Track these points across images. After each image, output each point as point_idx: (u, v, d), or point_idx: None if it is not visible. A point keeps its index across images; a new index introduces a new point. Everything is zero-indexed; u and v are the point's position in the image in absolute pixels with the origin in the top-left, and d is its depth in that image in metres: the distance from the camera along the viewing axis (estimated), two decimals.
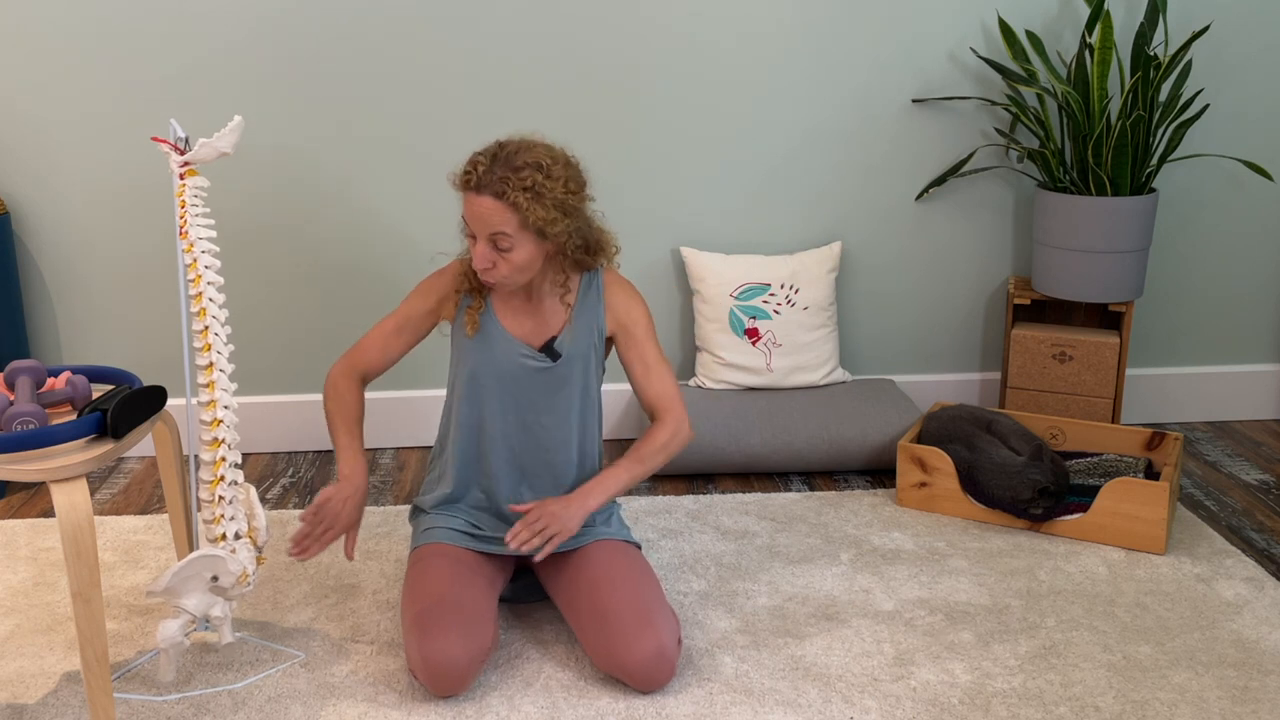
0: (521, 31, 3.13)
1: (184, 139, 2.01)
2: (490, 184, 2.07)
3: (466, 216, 2.12)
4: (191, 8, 3.03)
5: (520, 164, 2.08)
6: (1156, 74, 3.02)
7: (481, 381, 2.27)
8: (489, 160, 2.09)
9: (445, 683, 2.06)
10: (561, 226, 2.12)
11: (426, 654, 2.04)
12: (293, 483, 3.13)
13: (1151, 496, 2.63)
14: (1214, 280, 3.50)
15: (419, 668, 2.06)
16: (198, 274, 2.00)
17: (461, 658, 2.05)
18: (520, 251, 2.11)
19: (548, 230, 2.10)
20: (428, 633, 2.06)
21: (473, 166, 2.10)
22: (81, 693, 2.14)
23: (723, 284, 3.25)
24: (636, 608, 2.12)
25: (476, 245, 2.12)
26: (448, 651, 2.04)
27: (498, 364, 2.26)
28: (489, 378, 2.27)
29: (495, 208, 2.07)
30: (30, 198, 3.14)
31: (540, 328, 2.27)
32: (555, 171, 2.10)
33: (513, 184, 2.06)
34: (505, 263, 2.12)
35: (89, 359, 3.26)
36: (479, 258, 2.12)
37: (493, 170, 2.07)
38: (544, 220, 2.08)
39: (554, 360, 2.26)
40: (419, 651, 2.05)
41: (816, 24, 3.21)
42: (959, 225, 3.40)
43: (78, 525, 1.84)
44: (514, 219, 2.07)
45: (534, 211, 2.06)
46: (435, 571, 2.19)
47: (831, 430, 3.09)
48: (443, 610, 2.09)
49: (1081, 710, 2.08)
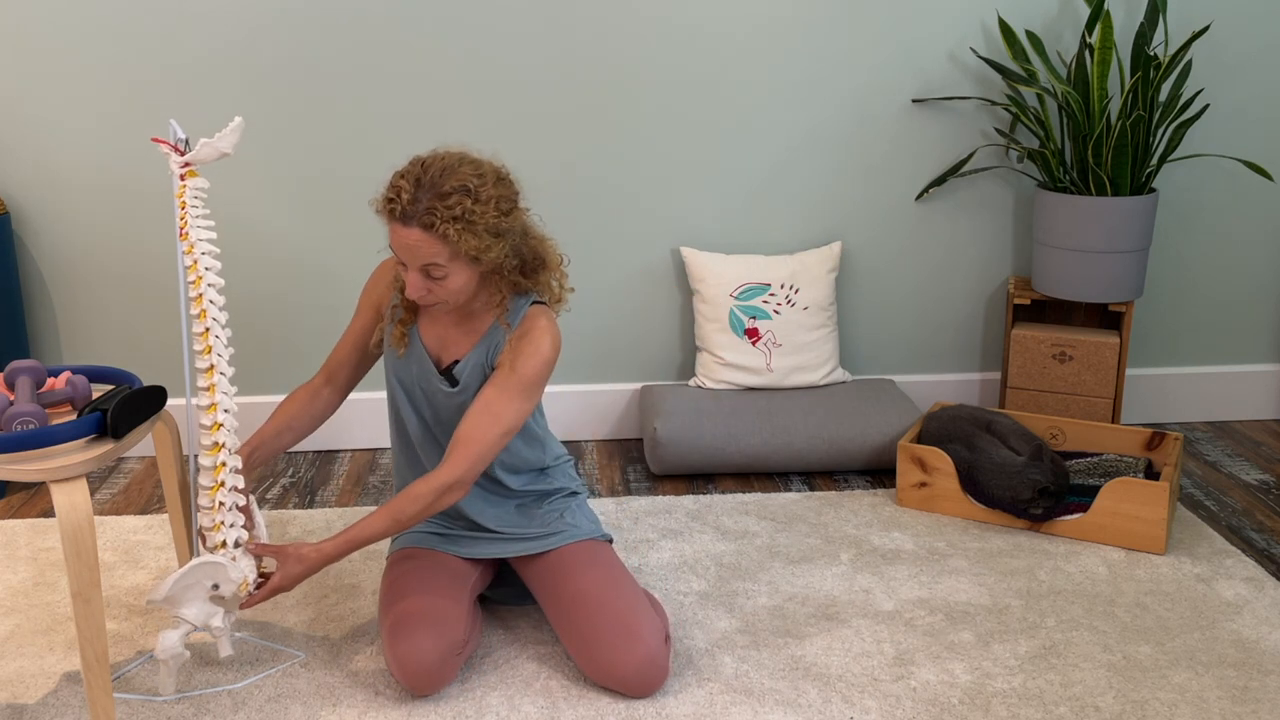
0: (521, 32, 3.13)
1: (184, 140, 2.01)
2: (416, 214, 1.95)
3: (394, 246, 2.01)
4: (191, 8, 3.03)
5: (447, 189, 1.96)
6: (1156, 74, 3.02)
7: (401, 391, 2.27)
8: (413, 187, 1.97)
9: (419, 681, 2.08)
10: (496, 251, 2.02)
11: (399, 654, 2.07)
12: (293, 483, 3.13)
13: (1151, 496, 2.63)
14: (1214, 280, 3.50)
15: (394, 668, 2.09)
16: (198, 275, 1.99)
17: (432, 656, 2.07)
18: (455, 279, 2.03)
19: (481, 257, 2.01)
20: (399, 634, 2.09)
21: (395, 194, 1.98)
22: (81, 693, 2.14)
23: (723, 284, 3.25)
24: (617, 619, 2.11)
25: (408, 274, 2.03)
26: (419, 651, 2.06)
27: (413, 377, 2.24)
28: (406, 389, 2.26)
29: (424, 239, 1.96)
30: (30, 198, 3.14)
31: (450, 345, 2.21)
32: (484, 194, 1.98)
33: (440, 214, 1.95)
34: (440, 288, 2.04)
35: (89, 359, 3.26)
36: (412, 288, 2.03)
37: (418, 199, 1.96)
38: (477, 249, 1.99)
39: (453, 386, 2.21)
40: (392, 653, 2.09)
41: (816, 24, 3.21)
42: (959, 225, 3.40)
43: (78, 525, 1.84)
44: (444, 250, 1.98)
45: (465, 241, 1.96)
46: (406, 575, 2.21)
47: (831, 430, 3.09)
48: (412, 611, 2.11)
49: (1081, 710, 2.08)
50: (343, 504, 2.98)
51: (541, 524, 2.30)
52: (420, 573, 2.21)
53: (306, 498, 3.03)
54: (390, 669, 2.11)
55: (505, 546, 2.29)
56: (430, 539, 2.31)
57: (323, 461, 3.28)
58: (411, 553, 2.29)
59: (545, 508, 2.34)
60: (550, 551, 2.27)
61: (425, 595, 2.15)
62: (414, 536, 2.32)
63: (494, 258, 2.04)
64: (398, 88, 3.13)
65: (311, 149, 3.16)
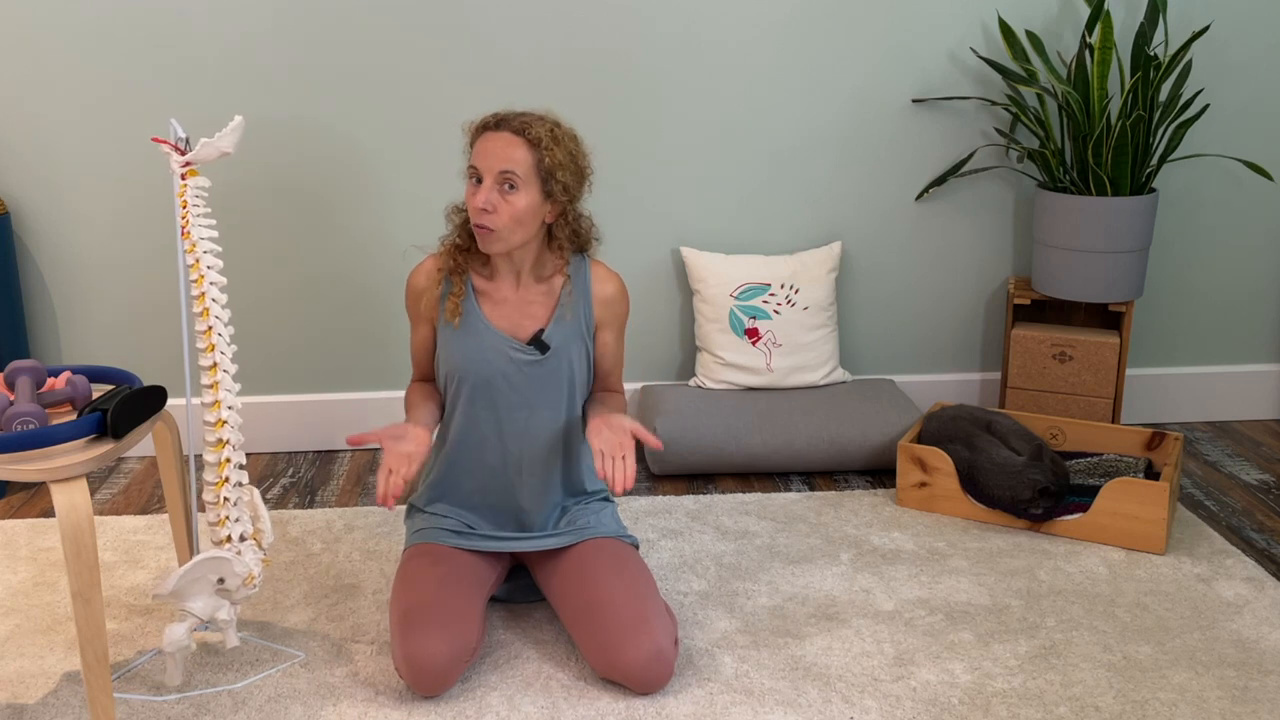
0: (521, 32, 3.13)
1: (185, 139, 2.01)
2: (509, 121, 2.11)
3: (477, 155, 2.11)
4: (191, 8, 3.03)
5: (542, 115, 2.15)
6: (1156, 74, 3.02)
7: (468, 377, 2.25)
8: (506, 111, 2.15)
9: (426, 681, 2.07)
10: (569, 182, 2.13)
11: (409, 652, 2.06)
12: (293, 483, 3.13)
13: (1151, 496, 2.63)
14: (1214, 280, 3.50)
15: (401, 666, 2.08)
16: (200, 274, 2.00)
17: (442, 657, 2.06)
18: (522, 198, 2.10)
19: (556, 177, 2.11)
20: (411, 632, 2.07)
21: (493, 114, 2.15)
22: (81, 693, 2.14)
23: (723, 284, 3.25)
24: (631, 610, 2.12)
25: (480, 187, 2.11)
26: (429, 651, 2.05)
27: (485, 359, 2.24)
28: (475, 373, 2.25)
29: (514, 142, 2.09)
30: (30, 198, 3.14)
31: (525, 320, 2.25)
32: (569, 134, 2.16)
33: (533, 125, 2.10)
34: (507, 206, 2.10)
35: (89, 359, 3.26)
36: (481, 197, 2.09)
37: (514, 114, 2.13)
38: (556, 164, 2.10)
39: (543, 353, 2.24)
40: (402, 650, 2.07)
41: (817, 24, 3.21)
42: (959, 225, 3.40)
43: (78, 525, 1.84)
44: (528, 158, 2.09)
45: (551, 152, 2.09)
46: (422, 571, 2.20)
47: (831, 430, 3.09)
48: (427, 610, 2.10)
49: (1081, 710, 2.08)
50: (343, 504, 2.98)
51: (570, 521, 2.34)
52: (437, 570, 2.20)
53: (306, 498, 3.03)
54: (396, 665, 2.10)
55: (533, 542, 2.31)
56: (450, 536, 2.30)
57: (323, 461, 3.28)
58: (429, 549, 2.27)
59: (580, 507, 2.37)
60: (574, 546, 2.29)
61: (441, 594, 2.14)
62: (434, 533, 2.30)
63: (563, 189, 2.12)
64: (397, 88, 3.13)
65: (312, 148, 3.15)
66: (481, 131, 2.13)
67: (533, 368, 2.24)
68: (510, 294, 2.25)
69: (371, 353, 3.32)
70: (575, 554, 2.27)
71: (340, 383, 3.34)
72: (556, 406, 2.29)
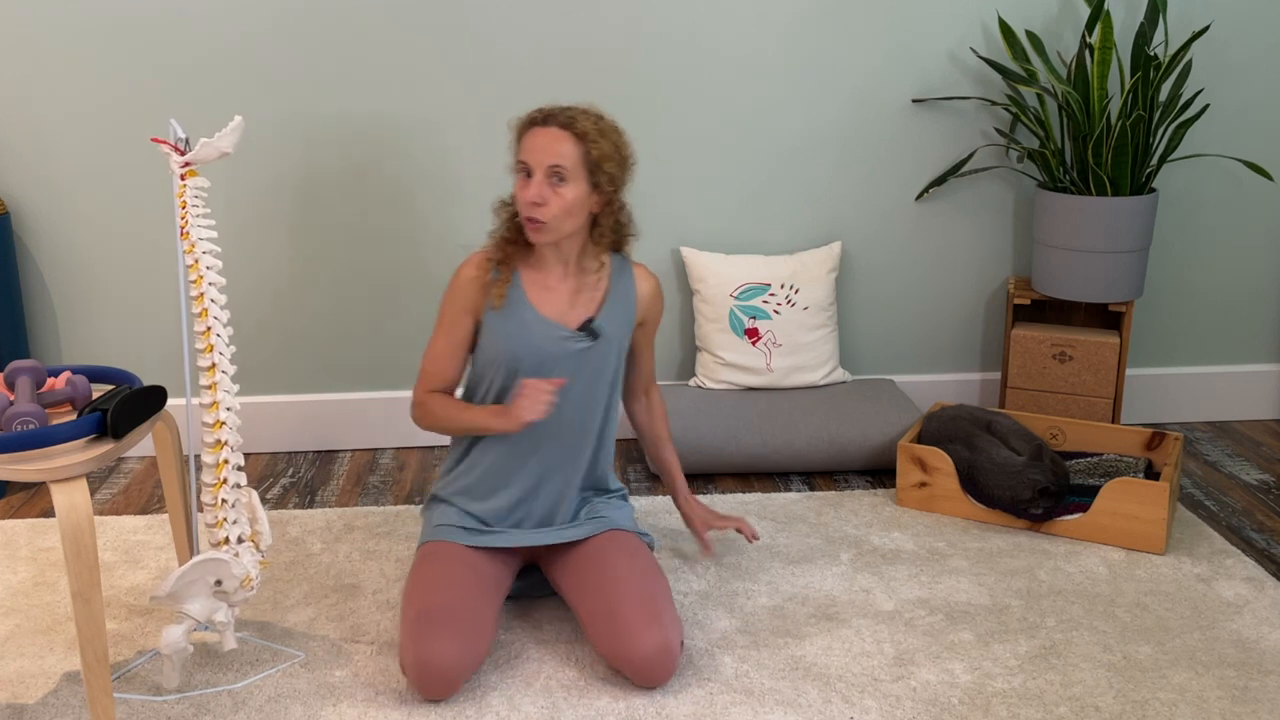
0: (521, 33, 3.13)
1: (184, 139, 2.01)
2: (557, 117, 2.17)
3: (526, 151, 2.17)
4: (191, 8, 3.03)
5: (585, 108, 2.21)
6: (1156, 74, 3.02)
7: (515, 363, 2.26)
8: (552, 106, 2.21)
9: (435, 685, 2.06)
10: (615, 172, 2.19)
11: (421, 656, 2.04)
12: (293, 483, 3.13)
13: (1151, 496, 2.63)
14: (1214, 280, 3.50)
15: (411, 669, 2.06)
16: (199, 275, 2.00)
17: (454, 663, 2.05)
18: (571, 189, 2.16)
19: (603, 168, 2.16)
20: (425, 635, 2.05)
21: (538, 111, 2.20)
22: (81, 693, 2.14)
23: (723, 284, 3.25)
24: (644, 603, 2.13)
25: (530, 182, 2.16)
26: (442, 655, 2.04)
27: (534, 345, 2.25)
28: (524, 359, 2.26)
29: (561, 137, 2.16)
30: (30, 198, 3.14)
31: (573, 309, 2.29)
32: (613, 127, 2.23)
33: (579, 119, 2.17)
34: (557, 199, 2.16)
35: (89, 359, 3.26)
36: (532, 191, 2.15)
37: (560, 109, 2.19)
38: (602, 156, 2.16)
39: (594, 339, 2.28)
40: (414, 653, 2.05)
41: (817, 24, 3.21)
42: (959, 225, 3.40)
43: (78, 525, 1.84)
44: (576, 151, 2.16)
45: (597, 145, 2.16)
46: (440, 572, 2.19)
47: (831, 430, 3.09)
48: (442, 613, 2.09)
49: (1081, 710, 2.08)
50: (343, 504, 2.98)
51: (591, 512, 2.37)
52: (454, 573, 2.19)
53: (306, 498, 3.03)
54: (404, 667, 2.07)
55: (555, 534, 2.33)
56: (470, 535, 2.30)
57: (323, 461, 3.28)
58: (445, 549, 2.25)
59: (602, 501, 2.40)
60: (590, 537, 2.31)
61: (457, 597, 2.13)
62: (454, 531, 2.30)
63: (609, 181, 2.19)
64: (397, 88, 3.13)
65: (311, 148, 3.16)
66: (529, 127, 2.19)
67: (580, 355, 2.28)
68: (558, 284, 2.29)
69: (372, 352, 3.32)
70: (593, 543, 2.29)
71: (340, 383, 3.34)
72: (596, 395, 2.31)
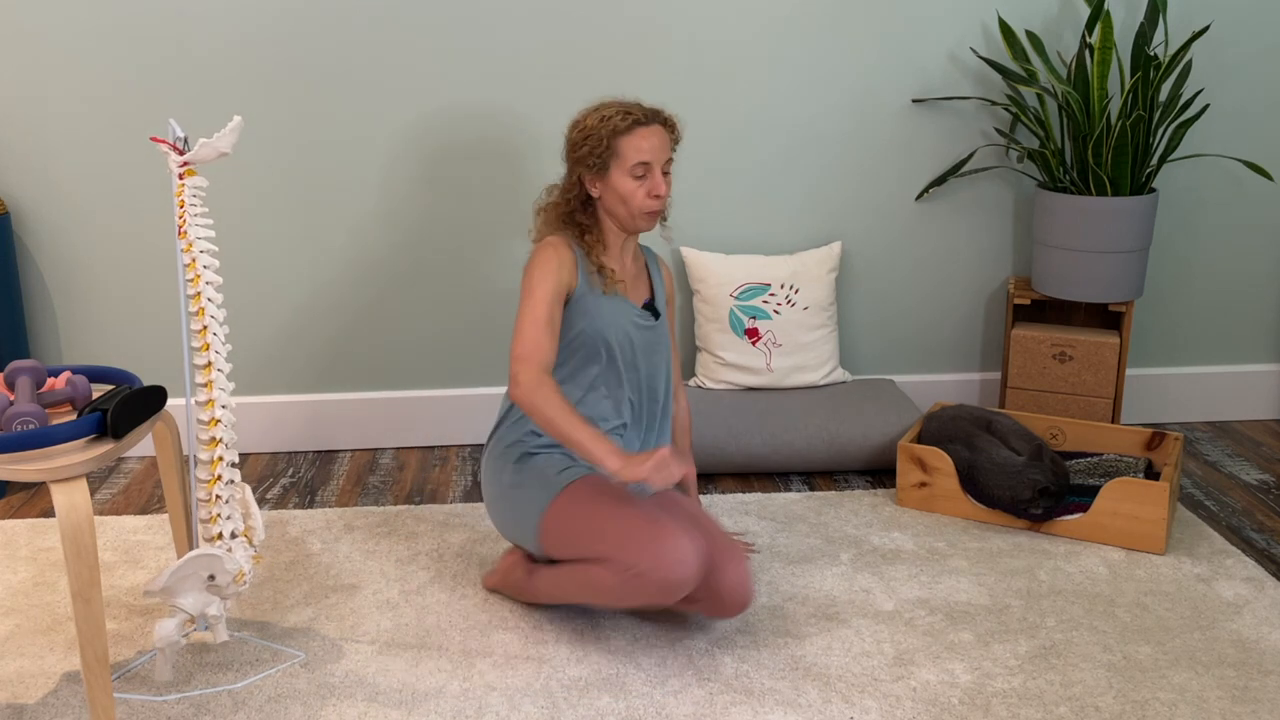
0: (521, 33, 3.13)
1: (183, 139, 2.02)
2: (654, 116, 2.31)
3: (642, 151, 2.27)
4: (192, 8, 3.03)
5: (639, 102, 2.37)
6: (1156, 74, 3.02)
7: (610, 337, 2.35)
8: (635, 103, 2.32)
9: (687, 577, 2.09)
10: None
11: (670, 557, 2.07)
12: (292, 483, 3.13)
13: (1151, 496, 2.63)
14: (1214, 280, 3.50)
15: (653, 573, 2.08)
16: (196, 274, 2.00)
17: (700, 553, 2.11)
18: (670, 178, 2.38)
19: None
20: (664, 532, 2.11)
21: (626, 111, 2.29)
22: (81, 693, 2.14)
23: (723, 284, 3.25)
24: (727, 538, 2.26)
25: (653, 176, 2.29)
26: (687, 548, 2.10)
27: (618, 323, 2.37)
28: (615, 334, 2.36)
29: (665, 136, 2.31)
30: (30, 198, 3.14)
31: (633, 291, 2.43)
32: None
33: (662, 113, 2.33)
34: (668, 189, 2.31)
35: (89, 359, 3.26)
36: (664, 187, 2.28)
37: (649, 107, 2.32)
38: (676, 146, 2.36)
39: (655, 318, 2.43)
40: (654, 557, 2.07)
41: (816, 24, 3.21)
42: (959, 225, 3.40)
43: (78, 525, 1.84)
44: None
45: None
46: (619, 494, 2.25)
47: (831, 430, 3.09)
48: (660, 514, 2.16)
49: (1081, 710, 2.08)
50: (343, 504, 2.98)
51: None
52: (625, 493, 2.26)
53: (306, 498, 3.03)
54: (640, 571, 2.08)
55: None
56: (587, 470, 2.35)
57: (323, 461, 3.28)
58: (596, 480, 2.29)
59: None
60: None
61: (652, 504, 2.24)
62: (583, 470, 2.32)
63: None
64: (397, 87, 3.13)
65: (310, 148, 3.16)
66: (633, 128, 2.27)
67: (647, 331, 2.42)
68: (620, 267, 2.42)
69: (372, 352, 3.32)
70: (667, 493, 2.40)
71: (340, 383, 3.34)
72: (660, 368, 2.45)
